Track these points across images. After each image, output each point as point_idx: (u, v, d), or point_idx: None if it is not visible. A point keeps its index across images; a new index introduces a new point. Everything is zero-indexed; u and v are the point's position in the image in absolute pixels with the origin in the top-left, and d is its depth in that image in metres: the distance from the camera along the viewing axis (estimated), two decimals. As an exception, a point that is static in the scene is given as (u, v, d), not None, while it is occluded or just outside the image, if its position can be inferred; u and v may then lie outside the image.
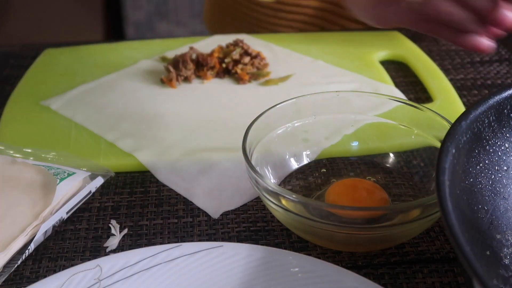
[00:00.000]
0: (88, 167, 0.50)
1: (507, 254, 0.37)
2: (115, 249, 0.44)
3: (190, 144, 0.54)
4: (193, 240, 0.45)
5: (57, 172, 0.47)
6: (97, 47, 0.75)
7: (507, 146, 0.40)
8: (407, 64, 0.71)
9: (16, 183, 0.47)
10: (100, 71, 0.68)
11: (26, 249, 0.42)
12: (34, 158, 0.51)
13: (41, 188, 0.46)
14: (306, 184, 0.49)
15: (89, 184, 0.48)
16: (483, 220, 0.37)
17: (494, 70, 0.70)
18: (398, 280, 0.41)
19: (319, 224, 0.39)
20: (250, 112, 0.49)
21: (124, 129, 0.56)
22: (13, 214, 0.44)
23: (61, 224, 0.46)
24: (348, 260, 0.42)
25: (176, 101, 0.62)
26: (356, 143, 0.52)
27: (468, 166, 0.37)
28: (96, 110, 0.60)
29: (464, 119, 0.37)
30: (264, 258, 0.39)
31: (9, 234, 0.42)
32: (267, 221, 0.46)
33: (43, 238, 0.44)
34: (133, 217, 0.47)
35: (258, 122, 0.46)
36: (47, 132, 0.57)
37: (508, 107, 0.39)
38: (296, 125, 0.50)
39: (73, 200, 0.46)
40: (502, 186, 0.40)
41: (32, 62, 0.71)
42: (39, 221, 0.43)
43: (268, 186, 0.40)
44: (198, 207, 0.48)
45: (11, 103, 0.62)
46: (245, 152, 0.43)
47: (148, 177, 0.52)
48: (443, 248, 0.43)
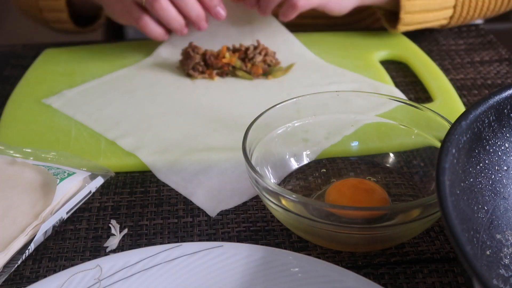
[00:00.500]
0: (88, 167, 0.50)
1: (507, 254, 0.37)
2: (115, 249, 0.44)
3: (190, 143, 0.54)
4: (193, 240, 0.45)
5: (57, 172, 0.47)
6: (97, 47, 0.75)
7: (507, 146, 0.40)
8: (407, 64, 0.71)
9: (16, 183, 0.47)
10: (100, 71, 0.68)
11: (26, 249, 0.42)
12: (34, 158, 0.51)
13: (41, 188, 0.46)
14: (306, 184, 0.49)
15: (89, 184, 0.48)
16: (483, 220, 0.37)
17: (494, 70, 0.70)
18: (398, 280, 0.41)
19: (319, 224, 0.39)
20: (250, 112, 0.49)
21: (125, 129, 0.56)
22: (13, 214, 0.44)
23: (61, 224, 0.46)
24: (348, 260, 0.42)
25: (176, 100, 0.62)
26: (356, 143, 0.52)
27: (468, 166, 0.37)
28: (97, 109, 0.60)
29: (464, 119, 0.37)
30: (264, 258, 0.39)
31: (9, 234, 0.42)
32: (267, 221, 0.46)
33: (43, 238, 0.44)
34: (133, 217, 0.47)
35: (258, 122, 0.46)
36: (47, 132, 0.57)
37: (508, 107, 0.39)
38: (296, 125, 0.50)
39: (73, 200, 0.46)
40: (502, 186, 0.40)
41: (32, 62, 0.71)
42: (39, 221, 0.43)
43: (268, 186, 0.40)
44: (198, 207, 0.48)
45: (11, 103, 0.62)
46: (245, 152, 0.43)
47: (148, 177, 0.52)
48: (443, 248, 0.43)
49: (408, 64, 0.70)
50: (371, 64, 0.69)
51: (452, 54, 0.74)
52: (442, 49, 0.75)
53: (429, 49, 0.74)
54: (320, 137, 0.51)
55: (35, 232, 0.43)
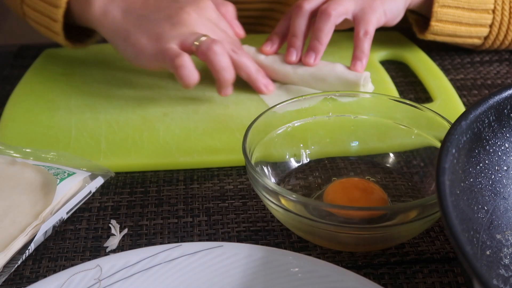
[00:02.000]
0: (88, 167, 0.50)
1: (507, 254, 0.37)
2: (115, 249, 0.44)
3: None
4: (193, 240, 0.45)
5: (57, 172, 0.47)
6: (97, 47, 0.75)
7: (507, 146, 0.40)
8: (407, 64, 0.71)
9: (16, 183, 0.47)
10: (100, 71, 0.68)
11: (26, 249, 0.42)
12: (34, 158, 0.51)
13: (41, 188, 0.46)
14: (306, 184, 0.49)
15: (89, 184, 0.48)
16: (483, 220, 0.37)
17: (494, 70, 0.70)
18: (398, 280, 0.41)
19: (319, 224, 0.39)
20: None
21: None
22: (13, 214, 0.44)
23: (61, 224, 0.46)
24: (348, 260, 0.42)
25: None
26: (356, 143, 0.52)
27: (468, 166, 0.37)
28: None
29: (464, 119, 0.37)
30: (264, 258, 0.39)
31: (9, 234, 0.42)
32: (267, 221, 0.46)
33: (43, 238, 0.44)
34: (133, 217, 0.47)
35: (258, 122, 0.46)
36: (47, 132, 0.57)
37: (508, 107, 0.39)
38: (296, 125, 0.50)
39: (73, 200, 0.46)
40: (502, 186, 0.40)
41: (32, 62, 0.71)
42: (39, 221, 0.43)
43: (268, 186, 0.40)
44: (198, 207, 0.48)
45: (11, 103, 0.62)
46: (245, 152, 0.43)
47: (148, 177, 0.52)
48: (443, 248, 0.43)
49: (408, 64, 0.70)
50: (371, 64, 0.69)
51: (452, 54, 0.74)
52: (442, 49, 0.75)
53: (429, 49, 0.74)
54: (320, 137, 0.51)
55: (35, 232, 0.43)
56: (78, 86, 0.65)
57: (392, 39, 0.75)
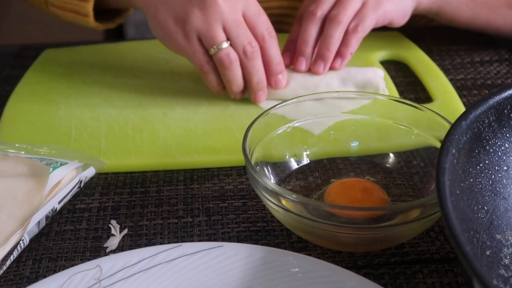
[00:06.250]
0: (79, 159, 0.50)
1: (507, 254, 0.37)
2: (115, 249, 0.44)
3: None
4: (193, 240, 0.45)
5: (49, 162, 0.47)
6: (97, 47, 0.75)
7: (507, 146, 0.40)
8: (407, 64, 0.71)
9: (10, 175, 0.47)
10: (100, 71, 0.68)
11: (20, 240, 0.42)
12: (26, 152, 0.51)
13: (34, 177, 0.46)
14: (306, 184, 0.49)
15: (81, 174, 0.48)
16: (483, 220, 0.37)
17: (494, 70, 0.70)
18: (398, 280, 0.41)
19: (319, 225, 0.39)
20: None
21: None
22: (8, 206, 0.44)
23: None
24: (348, 260, 0.42)
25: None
26: (356, 143, 0.52)
27: (468, 166, 0.37)
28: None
29: (464, 119, 0.37)
30: (264, 258, 0.39)
31: (6, 228, 0.42)
32: (267, 221, 0.46)
33: (38, 229, 0.44)
34: (133, 217, 0.47)
35: (258, 122, 0.46)
36: (47, 132, 0.57)
37: (508, 107, 0.39)
38: (296, 125, 0.50)
39: (65, 189, 0.46)
40: (502, 186, 0.40)
41: (32, 62, 0.71)
42: (34, 211, 0.43)
43: (268, 186, 0.40)
44: (198, 207, 0.48)
45: (11, 103, 0.62)
46: (245, 152, 0.43)
47: (148, 177, 0.52)
48: (443, 248, 0.43)
49: (408, 64, 0.70)
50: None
51: (452, 54, 0.74)
52: (442, 49, 0.75)
53: (429, 49, 0.74)
54: (320, 137, 0.51)
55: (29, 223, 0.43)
56: (78, 86, 0.65)
57: (392, 39, 0.75)
